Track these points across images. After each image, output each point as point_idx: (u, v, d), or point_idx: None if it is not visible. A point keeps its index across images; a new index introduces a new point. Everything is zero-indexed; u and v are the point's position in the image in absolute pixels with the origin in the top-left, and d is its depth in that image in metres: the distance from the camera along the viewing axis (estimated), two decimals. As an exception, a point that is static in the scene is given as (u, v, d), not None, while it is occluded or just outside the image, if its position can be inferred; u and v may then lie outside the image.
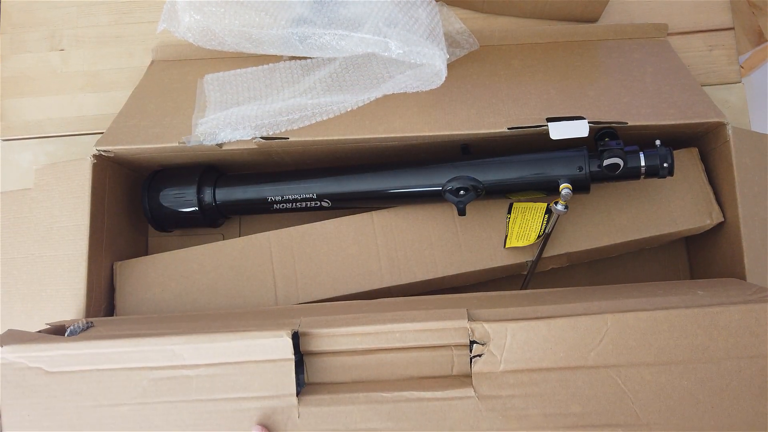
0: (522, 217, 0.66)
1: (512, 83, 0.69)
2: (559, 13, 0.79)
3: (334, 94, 0.68)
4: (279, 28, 0.68)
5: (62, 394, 0.50)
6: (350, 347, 0.51)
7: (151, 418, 0.49)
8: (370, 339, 0.51)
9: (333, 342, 0.51)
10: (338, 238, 0.68)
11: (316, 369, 0.52)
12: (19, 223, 0.68)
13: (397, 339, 0.51)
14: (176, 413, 0.49)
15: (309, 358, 0.51)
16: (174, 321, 0.59)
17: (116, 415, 0.50)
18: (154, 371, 0.50)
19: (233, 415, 0.49)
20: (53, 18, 0.88)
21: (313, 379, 0.52)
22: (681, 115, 0.63)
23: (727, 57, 0.79)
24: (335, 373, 0.52)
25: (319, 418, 0.49)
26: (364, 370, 0.51)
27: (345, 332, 0.51)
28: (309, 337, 0.51)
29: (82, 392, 0.50)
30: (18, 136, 0.85)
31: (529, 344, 0.48)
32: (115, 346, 0.50)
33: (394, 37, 0.63)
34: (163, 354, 0.50)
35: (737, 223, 0.63)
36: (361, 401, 0.49)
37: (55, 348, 0.50)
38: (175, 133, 0.68)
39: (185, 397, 0.49)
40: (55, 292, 0.66)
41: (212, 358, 0.50)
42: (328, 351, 0.51)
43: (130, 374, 0.50)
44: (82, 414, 0.50)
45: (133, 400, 0.50)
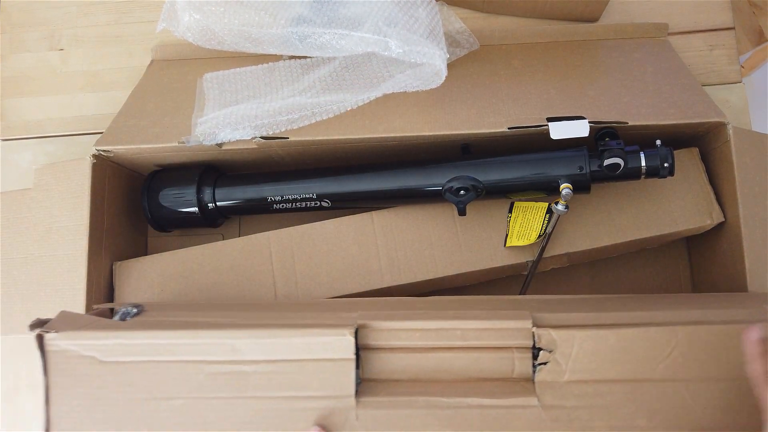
0: (523, 216, 0.66)
1: (512, 83, 0.69)
2: (560, 13, 0.79)
3: (333, 93, 0.68)
4: (279, 27, 0.68)
5: (115, 385, 0.48)
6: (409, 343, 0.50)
7: (206, 413, 0.48)
8: (430, 336, 0.49)
9: (392, 336, 0.50)
10: (338, 238, 0.68)
11: (373, 364, 0.50)
12: (19, 223, 0.68)
13: (458, 337, 0.49)
14: (231, 410, 0.48)
15: (366, 353, 0.50)
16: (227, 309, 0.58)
17: (169, 409, 0.48)
18: (212, 365, 0.48)
19: (290, 414, 0.48)
20: (53, 18, 0.88)
21: (369, 374, 0.50)
22: (681, 114, 0.63)
23: (728, 57, 0.79)
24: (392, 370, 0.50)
25: (377, 421, 0.47)
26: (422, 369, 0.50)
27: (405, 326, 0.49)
28: (367, 331, 0.49)
29: (136, 384, 0.48)
30: (18, 136, 0.85)
31: (597, 354, 0.47)
32: (173, 338, 0.49)
33: (394, 37, 0.63)
34: (222, 348, 0.48)
35: (738, 223, 0.63)
36: (421, 405, 0.48)
37: (110, 337, 0.49)
38: (175, 132, 0.67)
39: (242, 394, 0.48)
40: (54, 292, 0.66)
41: (272, 354, 0.48)
42: (386, 346, 0.50)
43: (187, 367, 0.48)
44: (134, 406, 0.48)
45: (188, 394, 0.48)
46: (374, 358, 0.50)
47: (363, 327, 0.49)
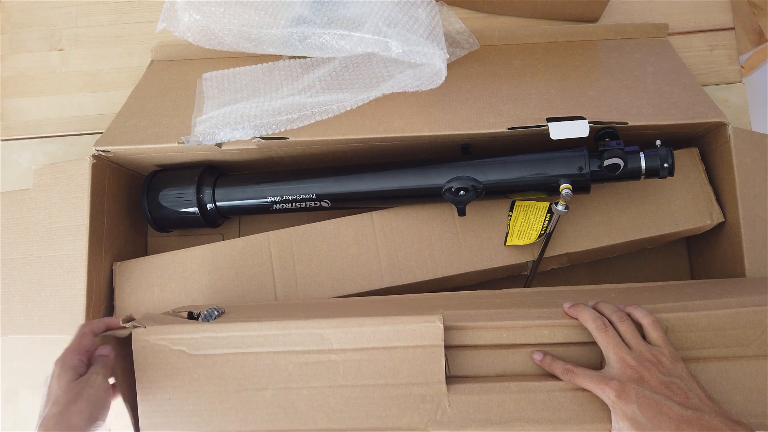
0: (524, 215, 0.66)
1: (512, 83, 0.69)
2: (560, 13, 0.79)
3: (333, 92, 0.68)
4: (278, 27, 0.68)
5: (205, 377, 0.49)
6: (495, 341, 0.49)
7: (296, 403, 0.48)
8: (516, 334, 0.49)
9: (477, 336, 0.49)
10: (338, 238, 0.68)
11: (459, 362, 0.50)
12: (19, 224, 0.68)
13: (545, 336, 0.49)
14: (322, 399, 0.48)
15: (451, 352, 0.50)
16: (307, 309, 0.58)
17: (260, 400, 0.48)
18: (300, 355, 0.48)
19: (381, 401, 0.48)
20: (53, 18, 0.88)
21: (456, 372, 0.50)
22: (681, 115, 0.63)
23: (728, 57, 0.79)
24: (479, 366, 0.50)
25: (470, 407, 0.47)
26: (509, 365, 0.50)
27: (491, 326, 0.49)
28: (452, 330, 0.49)
29: (226, 376, 0.49)
30: (17, 136, 0.85)
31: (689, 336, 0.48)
32: (262, 329, 0.49)
33: (394, 37, 0.63)
34: (311, 338, 0.48)
35: (738, 223, 0.63)
36: (514, 390, 0.47)
37: (199, 330, 0.49)
38: (175, 132, 0.67)
39: (331, 383, 0.48)
40: (54, 292, 0.66)
41: (360, 343, 0.48)
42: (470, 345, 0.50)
43: (276, 358, 0.48)
44: (224, 398, 0.49)
45: (277, 384, 0.48)
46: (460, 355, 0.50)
47: (448, 328, 0.49)
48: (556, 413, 0.47)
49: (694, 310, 0.49)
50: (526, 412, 0.47)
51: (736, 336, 0.48)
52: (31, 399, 0.76)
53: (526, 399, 0.47)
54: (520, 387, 0.48)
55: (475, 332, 0.49)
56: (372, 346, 0.48)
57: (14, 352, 0.77)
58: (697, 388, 0.45)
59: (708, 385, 0.47)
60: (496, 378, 0.49)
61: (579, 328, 0.49)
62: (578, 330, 0.49)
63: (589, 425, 0.47)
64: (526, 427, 0.47)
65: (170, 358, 0.49)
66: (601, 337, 0.48)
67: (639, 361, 0.46)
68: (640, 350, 0.47)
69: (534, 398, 0.47)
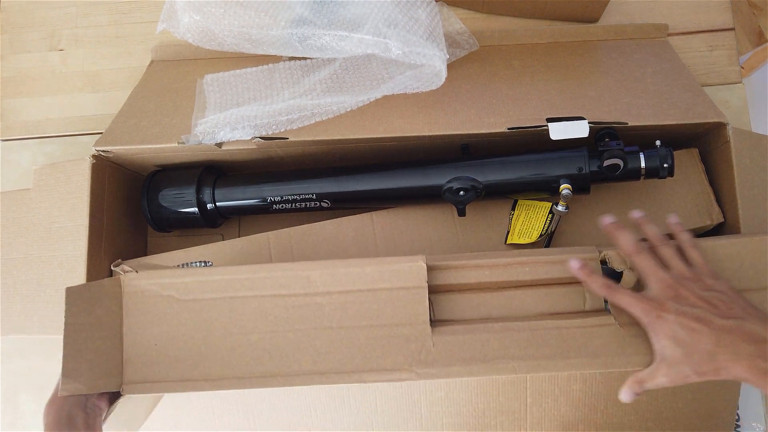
0: (525, 214, 0.66)
1: (512, 83, 0.69)
2: (559, 13, 0.79)
3: (333, 95, 0.68)
4: (279, 28, 0.68)
5: (192, 323, 0.49)
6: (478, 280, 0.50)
7: (282, 346, 0.48)
8: (499, 272, 0.50)
9: (460, 275, 0.50)
10: (338, 238, 0.68)
11: (443, 305, 0.50)
12: (18, 224, 0.68)
13: (528, 273, 0.50)
14: (307, 341, 0.48)
15: (435, 296, 0.50)
16: None
17: (245, 344, 0.48)
18: (287, 298, 0.49)
19: (366, 343, 0.48)
20: (53, 18, 0.88)
21: (440, 315, 0.50)
22: (681, 115, 0.63)
23: (728, 57, 0.79)
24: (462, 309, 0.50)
25: (455, 347, 0.47)
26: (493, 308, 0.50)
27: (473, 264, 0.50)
28: (435, 271, 0.50)
29: (213, 320, 0.49)
30: (17, 136, 0.85)
31: None
32: (250, 272, 0.49)
33: (393, 38, 0.63)
34: (297, 280, 0.49)
35: (737, 223, 0.62)
36: (497, 330, 0.48)
37: (189, 275, 0.49)
38: (175, 133, 0.67)
39: (317, 325, 0.48)
40: (54, 292, 0.66)
41: (345, 285, 0.49)
42: (454, 285, 0.50)
43: (263, 302, 0.49)
44: (210, 343, 0.49)
45: (264, 328, 0.49)
46: (444, 299, 0.50)
47: (432, 268, 0.49)
48: (540, 349, 0.47)
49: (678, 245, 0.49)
50: (510, 350, 0.48)
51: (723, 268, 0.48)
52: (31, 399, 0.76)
53: (509, 337, 0.48)
54: (503, 326, 0.48)
55: (458, 272, 0.50)
56: (357, 288, 0.49)
57: (14, 352, 0.77)
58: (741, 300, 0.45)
59: None
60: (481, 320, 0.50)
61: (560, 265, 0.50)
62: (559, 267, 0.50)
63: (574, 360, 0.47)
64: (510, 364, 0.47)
65: (159, 304, 0.49)
66: (638, 259, 0.48)
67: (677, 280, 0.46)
68: (679, 270, 0.47)
69: (518, 336, 0.48)
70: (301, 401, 0.61)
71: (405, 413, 0.60)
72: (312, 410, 0.61)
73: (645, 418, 0.59)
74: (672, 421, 0.59)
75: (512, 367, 0.47)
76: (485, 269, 0.50)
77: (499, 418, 0.59)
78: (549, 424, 0.59)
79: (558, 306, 0.51)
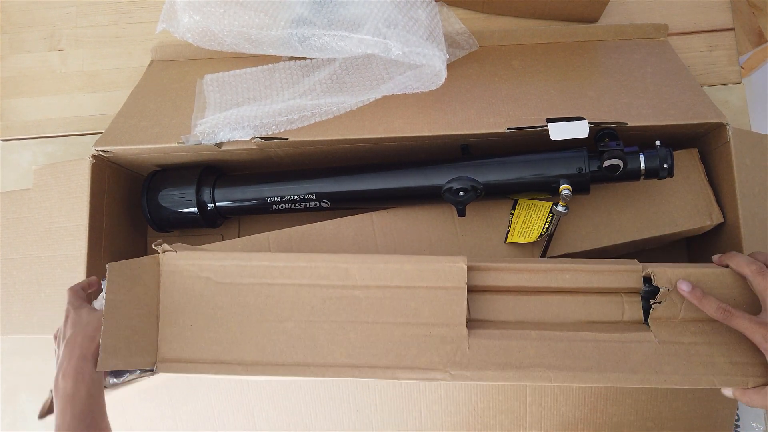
0: (526, 214, 0.66)
1: (512, 83, 0.69)
2: (559, 14, 0.79)
3: (333, 95, 0.68)
4: (278, 28, 0.68)
5: (229, 305, 0.49)
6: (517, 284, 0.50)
7: (317, 336, 0.48)
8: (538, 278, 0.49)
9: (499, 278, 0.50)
10: (338, 238, 0.68)
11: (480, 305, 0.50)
12: (19, 224, 0.68)
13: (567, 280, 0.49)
14: (342, 334, 0.48)
15: (472, 295, 0.50)
16: None
17: (281, 331, 0.48)
18: (325, 289, 0.49)
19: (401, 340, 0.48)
20: (52, 18, 0.88)
21: (477, 315, 0.50)
22: (681, 115, 0.63)
23: (728, 57, 0.79)
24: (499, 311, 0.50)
25: (490, 351, 0.47)
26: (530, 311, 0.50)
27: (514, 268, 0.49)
28: (474, 271, 0.49)
29: (249, 306, 0.49)
30: (17, 136, 0.85)
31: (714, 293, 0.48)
32: (289, 261, 0.49)
33: (393, 38, 0.63)
34: (336, 272, 0.49)
35: (737, 223, 0.62)
36: (534, 338, 0.47)
37: (228, 258, 0.49)
38: (175, 133, 0.67)
39: (353, 318, 0.48)
40: (54, 292, 0.66)
41: (384, 280, 0.48)
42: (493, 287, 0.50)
43: (300, 291, 0.49)
44: (245, 328, 0.49)
45: (300, 317, 0.49)
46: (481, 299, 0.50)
47: (471, 268, 0.49)
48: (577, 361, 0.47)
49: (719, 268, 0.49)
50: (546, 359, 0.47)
51: None
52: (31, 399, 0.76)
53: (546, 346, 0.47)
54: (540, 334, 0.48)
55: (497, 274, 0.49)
56: (395, 285, 0.48)
57: (14, 352, 0.77)
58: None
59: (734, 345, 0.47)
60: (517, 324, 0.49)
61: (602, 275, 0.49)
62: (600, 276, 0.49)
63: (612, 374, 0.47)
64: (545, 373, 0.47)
65: (196, 285, 0.49)
66: (757, 280, 0.47)
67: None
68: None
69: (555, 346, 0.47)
70: (301, 401, 0.61)
71: (404, 412, 0.60)
72: (312, 410, 0.61)
73: (645, 417, 0.59)
74: (672, 421, 0.59)
75: (548, 377, 0.47)
76: (524, 273, 0.50)
77: (498, 417, 0.59)
78: (549, 424, 0.59)
79: (595, 315, 0.50)
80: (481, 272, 0.50)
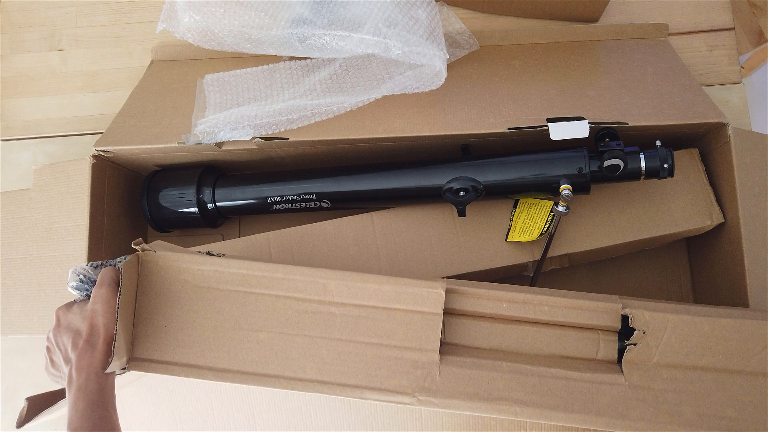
0: (527, 212, 0.66)
1: (512, 83, 0.69)
2: (560, 13, 0.79)
3: (333, 95, 0.68)
4: (278, 28, 0.68)
5: (204, 310, 0.49)
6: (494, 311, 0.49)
7: (289, 349, 0.48)
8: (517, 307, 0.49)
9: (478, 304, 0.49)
10: (338, 238, 0.68)
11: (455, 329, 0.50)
12: (19, 224, 0.68)
13: (545, 312, 0.49)
14: (315, 349, 0.48)
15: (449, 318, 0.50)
16: None
17: (254, 341, 0.48)
18: (301, 303, 0.48)
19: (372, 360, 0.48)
20: (53, 18, 0.88)
21: (451, 339, 0.50)
22: (681, 115, 0.63)
23: (728, 57, 0.79)
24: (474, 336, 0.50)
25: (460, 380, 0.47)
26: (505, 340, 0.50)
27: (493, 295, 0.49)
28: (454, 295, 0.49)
29: (224, 312, 0.49)
30: (17, 136, 0.85)
31: (689, 340, 0.47)
32: (267, 271, 0.49)
33: (393, 38, 0.63)
34: (314, 286, 0.48)
35: (737, 223, 0.62)
36: (505, 370, 0.47)
37: (207, 263, 0.49)
38: (175, 133, 0.67)
39: (327, 334, 0.48)
40: (54, 292, 0.66)
41: (361, 299, 0.48)
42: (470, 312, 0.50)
43: (276, 302, 0.48)
44: (219, 334, 0.48)
45: (274, 328, 0.48)
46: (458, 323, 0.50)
47: (450, 291, 0.49)
48: (545, 398, 0.47)
49: (698, 315, 0.48)
50: (515, 393, 0.47)
51: (737, 348, 0.47)
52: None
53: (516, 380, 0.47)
54: (511, 367, 0.48)
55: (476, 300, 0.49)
56: (372, 305, 0.48)
57: (14, 352, 0.77)
58: None
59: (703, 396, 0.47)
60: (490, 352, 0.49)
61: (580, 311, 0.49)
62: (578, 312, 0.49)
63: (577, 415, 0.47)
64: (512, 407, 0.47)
65: (173, 286, 0.49)
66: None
67: None
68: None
69: (525, 380, 0.47)
70: (301, 401, 0.61)
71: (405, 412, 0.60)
72: (312, 410, 0.61)
73: None
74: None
75: (514, 411, 0.47)
76: (503, 302, 0.49)
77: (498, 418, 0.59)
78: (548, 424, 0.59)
79: (570, 350, 0.50)
80: (460, 296, 0.50)
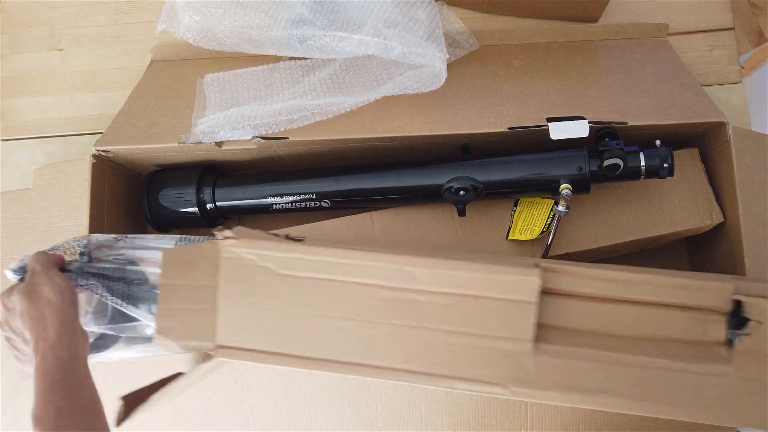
0: (528, 211, 0.66)
1: (512, 83, 0.69)
2: (560, 13, 0.79)
3: (334, 95, 0.68)
4: (278, 29, 0.68)
5: (289, 298, 0.48)
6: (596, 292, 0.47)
7: (375, 337, 0.47)
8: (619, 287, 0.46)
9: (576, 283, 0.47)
10: (338, 238, 0.68)
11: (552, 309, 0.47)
12: (19, 224, 0.68)
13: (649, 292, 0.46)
14: (401, 338, 0.46)
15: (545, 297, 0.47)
16: None
17: (339, 329, 0.47)
18: (387, 291, 0.47)
19: (462, 350, 0.46)
20: (53, 18, 0.88)
21: (547, 320, 0.47)
22: (681, 115, 0.63)
23: (728, 57, 0.79)
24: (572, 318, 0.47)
25: (556, 370, 0.45)
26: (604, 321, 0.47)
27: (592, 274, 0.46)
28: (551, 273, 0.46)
29: (310, 300, 0.48)
30: (17, 136, 0.85)
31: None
32: (353, 258, 0.47)
33: (393, 39, 0.63)
34: (401, 274, 0.47)
35: (737, 223, 0.62)
36: (604, 360, 0.44)
37: (290, 250, 0.48)
38: (175, 132, 0.67)
39: (414, 323, 0.46)
40: (54, 292, 0.66)
41: (450, 287, 0.46)
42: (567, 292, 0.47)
43: (363, 290, 0.47)
44: (303, 322, 0.47)
45: (360, 316, 0.47)
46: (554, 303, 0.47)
47: (547, 269, 0.46)
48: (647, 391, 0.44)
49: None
50: (614, 385, 0.44)
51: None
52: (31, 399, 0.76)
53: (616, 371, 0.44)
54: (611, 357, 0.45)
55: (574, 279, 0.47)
56: (461, 293, 0.46)
57: (14, 352, 0.77)
58: None
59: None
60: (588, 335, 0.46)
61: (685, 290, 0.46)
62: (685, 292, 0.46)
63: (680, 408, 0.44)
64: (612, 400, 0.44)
65: (256, 274, 0.48)
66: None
67: None
68: None
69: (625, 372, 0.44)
70: (301, 401, 0.61)
71: (405, 412, 0.60)
72: (312, 410, 0.61)
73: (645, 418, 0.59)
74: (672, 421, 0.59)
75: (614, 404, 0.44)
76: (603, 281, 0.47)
77: (499, 418, 0.59)
78: (550, 424, 0.59)
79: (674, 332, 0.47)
80: (557, 275, 0.47)
